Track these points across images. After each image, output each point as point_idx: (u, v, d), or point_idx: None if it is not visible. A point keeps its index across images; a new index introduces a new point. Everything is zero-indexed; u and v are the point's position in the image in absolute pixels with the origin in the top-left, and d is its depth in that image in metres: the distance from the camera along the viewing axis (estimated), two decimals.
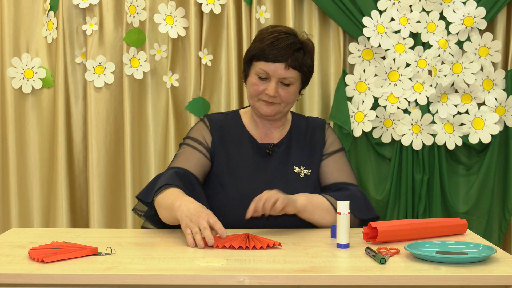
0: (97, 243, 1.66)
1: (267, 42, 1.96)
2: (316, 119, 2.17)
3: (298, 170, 2.04)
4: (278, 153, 2.06)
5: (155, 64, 3.04)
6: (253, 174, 2.02)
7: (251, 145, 2.06)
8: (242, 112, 2.15)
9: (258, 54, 1.97)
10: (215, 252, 1.60)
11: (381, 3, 2.91)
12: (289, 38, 1.97)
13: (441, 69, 2.90)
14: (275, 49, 1.94)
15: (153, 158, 3.04)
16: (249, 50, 2.02)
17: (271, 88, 1.96)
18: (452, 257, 1.49)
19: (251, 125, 2.10)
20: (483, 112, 2.91)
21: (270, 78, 1.97)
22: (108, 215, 3.03)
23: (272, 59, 1.95)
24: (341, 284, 1.41)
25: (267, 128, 2.09)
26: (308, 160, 2.07)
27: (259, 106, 2.01)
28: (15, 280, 1.41)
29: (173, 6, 2.97)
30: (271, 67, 1.95)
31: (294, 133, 2.10)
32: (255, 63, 1.99)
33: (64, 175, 3.00)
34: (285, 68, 1.96)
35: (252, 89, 2.00)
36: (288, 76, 1.97)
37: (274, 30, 2.01)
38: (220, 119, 2.11)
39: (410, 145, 2.94)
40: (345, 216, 1.65)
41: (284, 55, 1.95)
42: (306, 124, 2.13)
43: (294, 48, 1.96)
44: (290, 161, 2.05)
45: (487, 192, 2.98)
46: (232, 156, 2.04)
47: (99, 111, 3.02)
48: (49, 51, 3.06)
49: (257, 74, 1.98)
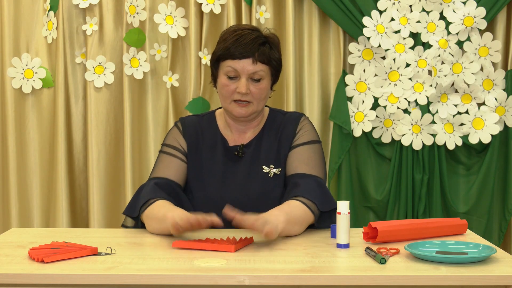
0: (97, 243, 1.66)
1: (231, 40, 1.94)
2: (293, 114, 2.10)
3: (267, 170, 2.00)
4: (248, 154, 2.02)
5: (155, 64, 3.04)
6: (222, 178, 1.99)
7: (222, 148, 2.03)
8: (218, 113, 2.11)
9: (224, 54, 1.94)
10: (215, 252, 1.60)
11: (381, 3, 2.91)
12: (252, 33, 1.96)
13: (441, 69, 2.90)
14: (240, 45, 1.92)
15: (153, 158, 3.04)
16: (214, 52, 1.99)
17: (242, 85, 1.93)
18: (452, 257, 1.49)
19: (225, 128, 2.07)
20: (483, 112, 2.91)
21: (239, 76, 1.94)
22: (108, 215, 3.04)
23: (239, 56, 1.92)
24: (341, 284, 1.41)
25: (240, 130, 2.05)
26: (278, 158, 2.01)
27: (232, 108, 1.97)
28: (15, 280, 1.41)
29: (173, 6, 2.97)
30: (239, 64, 1.93)
31: (266, 131, 2.05)
32: (222, 64, 1.96)
33: (64, 175, 3.00)
34: (253, 63, 1.94)
35: (224, 90, 1.96)
36: (257, 70, 1.94)
37: (237, 28, 1.99)
38: (194, 122, 2.08)
39: (410, 145, 2.94)
40: (345, 216, 1.65)
41: (250, 50, 1.93)
42: (281, 120, 2.07)
43: (259, 42, 1.95)
44: (260, 161, 2.01)
45: (487, 192, 2.98)
46: (204, 160, 2.02)
47: (99, 111, 3.02)
48: (49, 51, 3.06)
49: (226, 74, 1.95)
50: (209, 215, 1.70)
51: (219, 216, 1.81)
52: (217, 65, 1.99)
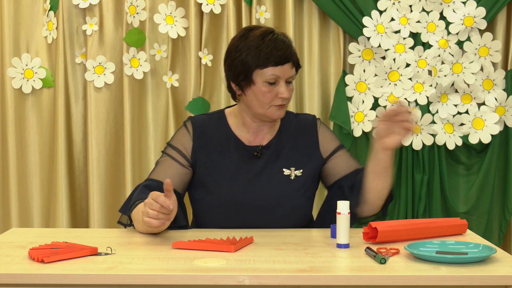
0: (97, 243, 1.66)
1: (269, 46, 1.90)
2: (307, 117, 2.11)
3: (288, 172, 1.99)
4: (266, 155, 2.01)
5: (155, 64, 3.04)
6: (237, 177, 1.97)
7: (236, 148, 2.01)
8: (228, 112, 2.08)
9: (263, 62, 1.89)
10: (215, 252, 1.60)
11: (381, 3, 2.92)
12: (281, 35, 1.95)
13: (441, 69, 2.90)
14: (280, 50, 1.89)
15: (153, 158, 3.04)
16: (245, 61, 1.91)
17: (284, 90, 1.91)
18: (452, 257, 1.49)
19: (238, 127, 2.04)
20: (483, 112, 2.91)
21: (278, 81, 1.92)
22: (108, 215, 3.04)
23: (281, 62, 1.90)
24: (341, 284, 1.41)
25: (258, 129, 2.03)
26: (299, 161, 2.02)
27: (272, 112, 1.95)
28: (15, 280, 1.41)
29: (173, 6, 2.97)
30: (281, 70, 1.90)
31: (284, 132, 2.05)
32: (260, 71, 1.90)
33: (64, 175, 3.00)
34: (292, 67, 1.93)
35: (265, 97, 1.92)
36: (293, 74, 1.95)
37: (260, 33, 1.93)
38: (204, 121, 2.06)
39: (410, 145, 2.94)
40: (345, 216, 1.65)
41: (289, 54, 1.92)
42: (296, 122, 2.08)
43: (290, 43, 1.95)
44: (279, 163, 2.00)
45: (487, 192, 2.99)
46: (215, 160, 2.00)
47: (99, 111, 3.02)
48: (49, 51, 3.06)
49: (267, 81, 1.91)
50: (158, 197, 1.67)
51: (235, 218, 1.83)
52: (252, 73, 1.92)
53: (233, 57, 1.95)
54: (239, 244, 1.65)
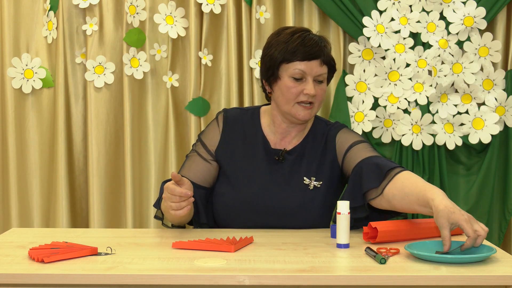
0: (97, 243, 1.66)
1: (297, 42, 1.91)
2: (336, 125, 2.06)
3: (308, 182, 1.97)
4: (289, 161, 1.99)
5: (155, 64, 3.04)
6: (258, 179, 1.97)
7: (263, 149, 2.00)
8: (263, 110, 2.07)
9: (290, 56, 1.90)
10: (215, 252, 1.60)
11: (381, 3, 2.92)
12: (313, 35, 1.95)
13: (441, 69, 2.90)
14: (307, 46, 1.90)
15: (153, 158, 3.04)
16: (273, 56, 1.93)
17: (310, 87, 1.90)
18: (452, 257, 1.49)
19: (268, 127, 2.03)
20: (483, 112, 2.91)
21: (305, 78, 1.91)
22: (108, 215, 3.03)
23: (308, 57, 1.90)
24: (341, 284, 1.41)
25: (286, 132, 2.01)
26: (321, 171, 1.99)
27: (296, 111, 1.93)
28: (15, 280, 1.41)
29: (173, 6, 2.97)
30: (307, 65, 1.90)
31: (311, 140, 2.02)
32: (286, 66, 1.92)
33: (64, 175, 3.00)
34: (320, 65, 1.92)
35: (289, 93, 1.92)
36: (322, 72, 1.94)
37: (294, 30, 1.95)
38: (236, 116, 2.05)
39: (410, 145, 2.94)
40: (345, 216, 1.65)
41: (318, 51, 1.91)
42: (325, 130, 2.04)
43: (323, 44, 1.94)
44: (301, 171, 1.98)
45: (487, 192, 2.99)
46: (241, 157, 2.00)
47: (99, 111, 3.02)
48: (49, 51, 3.06)
49: (292, 76, 1.91)
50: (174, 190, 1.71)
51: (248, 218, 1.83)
52: (278, 68, 1.93)
53: (264, 53, 1.98)
54: (239, 244, 1.65)
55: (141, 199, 3.01)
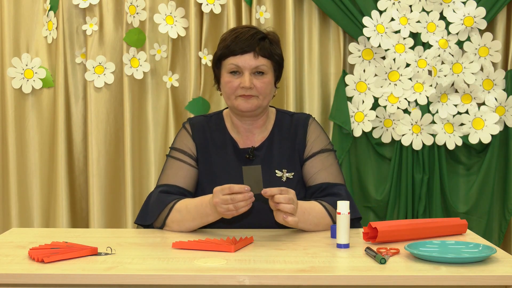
0: (97, 243, 1.66)
1: (230, 38, 1.97)
2: (300, 115, 2.10)
3: (280, 174, 2.00)
4: (259, 157, 2.01)
5: (155, 64, 3.04)
6: (233, 180, 1.94)
7: (233, 150, 2.03)
8: (225, 114, 2.10)
9: (224, 52, 1.97)
10: (215, 252, 1.60)
11: (381, 3, 2.92)
12: (251, 30, 1.99)
13: (441, 69, 2.90)
14: (240, 42, 1.95)
15: (153, 158, 3.04)
16: (215, 54, 2.02)
17: (246, 79, 1.94)
18: (452, 257, 1.49)
19: (232, 129, 2.06)
20: (483, 112, 2.91)
21: (242, 72, 1.96)
22: (108, 215, 3.04)
23: (240, 51, 1.95)
24: (341, 284, 1.41)
25: (248, 130, 2.04)
26: (291, 162, 2.02)
27: (238, 103, 1.97)
28: (15, 280, 1.41)
29: (173, 6, 2.97)
30: (240, 59, 1.95)
31: (277, 133, 2.05)
32: (223, 62, 1.98)
33: (64, 175, 3.00)
34: (255, 57, 1.95)
35: (227, 87, 1.97)
36: (259, 64, 1.96)
37: (235, 28, 2.04)
38: (202, 123, 2.08)
39: (410, 145, 2.94)
40: (345, 216, 1.65)
41: (250, 45, 1.95)
42: (290, 121, 2.07)
43: (258, 37, 1.97)
44: (272, 165, 2.00)
45: (487, 192, 2.98)
46: (214, 162, 2.01)
47: (99, 111, 3.02)
48: (49, 51, 3.06)
49: (228, 71, 1.97)
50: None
51: (224, 220, 1.82)
52: (219, 65, 2.01)
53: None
54: (239, 244, 1.65)
55: (141, 199, 3.01)
